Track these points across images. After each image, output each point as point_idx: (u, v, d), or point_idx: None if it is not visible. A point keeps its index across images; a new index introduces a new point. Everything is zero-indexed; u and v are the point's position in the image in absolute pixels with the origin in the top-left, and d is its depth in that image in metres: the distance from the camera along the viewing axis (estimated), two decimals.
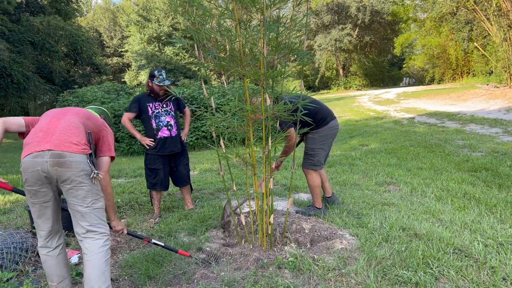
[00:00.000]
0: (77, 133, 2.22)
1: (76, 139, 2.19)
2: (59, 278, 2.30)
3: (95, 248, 2.21)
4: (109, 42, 46.82)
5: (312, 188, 3.99)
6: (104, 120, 2.78)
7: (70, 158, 2.12)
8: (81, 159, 2.16)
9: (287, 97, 3.21)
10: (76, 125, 2.26)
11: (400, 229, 3.30)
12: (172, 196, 5.23)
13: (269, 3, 2.72)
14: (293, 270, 2.71)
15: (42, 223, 2.29)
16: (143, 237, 2.97)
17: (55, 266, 2.30)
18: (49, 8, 25.82)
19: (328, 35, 40.59)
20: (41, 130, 2.24)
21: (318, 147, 3.86)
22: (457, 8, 23.14)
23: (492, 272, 2.52)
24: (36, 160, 2.10)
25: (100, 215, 2.27)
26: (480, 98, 16.71)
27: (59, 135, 2.17)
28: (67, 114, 2.36)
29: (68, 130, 2.21)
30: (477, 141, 7.93)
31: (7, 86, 20.27)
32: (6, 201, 5.19)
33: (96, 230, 2.23)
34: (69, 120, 2.28)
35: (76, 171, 2.13)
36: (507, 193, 4.37)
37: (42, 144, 2.13)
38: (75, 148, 2.16)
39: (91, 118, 2.45)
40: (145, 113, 4.24)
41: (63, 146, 2.13)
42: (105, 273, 2.21)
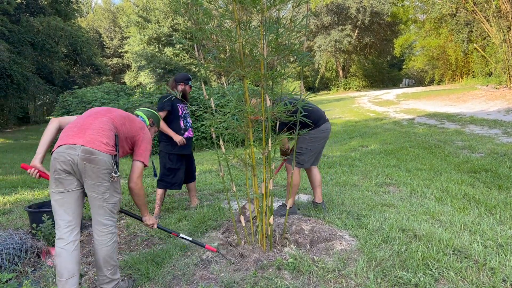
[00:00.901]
0: (107, 135, 2.43)
1: (105, 139, 2.40)
2: (69, 274, 2.36)
3: (104, 242, 2.46)
4: (109, 43, 46.83)
5: (291, 186, 3.99)
6: (153, 123, 3.10)
7: (98, 156, 2.33)
8: (107, 159, 2.37)
9: (286, 97, 3.22)
10: (108, 127, 2.47)
11: (400, 230, 3.30)
12: (171, 197, 5.24)
13: (269, 4, 2.72)
14: (292, 271, 2.71)
15: (63, 213, 2.40)
16: (172, 231, 3.09)
17: (68, 261, 2.36)
18: (49, 9, 25.84)
19: (328, 36, 40.60)
20: (77, 125, 2.46)
21: (306, 147, 3.89)
22: (456, 9, 23.17)
23: (491, 273, 2.52)
24: (68, 151, 2.32)
25: (113, 209, 2.49)
26: (479, 99, 16.73)
27: (92, 133, 2.39)
28: (105, 115, 2.55)
29: (100, 130, 2.42)
30: (477, 142, 7.94)
31: (7, 87, 20.28)
32: (6, 202, 5.19)
33: (106, 223, 2.46)
34: (103, 121, 2.49)
35: (101, 168, 2.35)
36: (506, 194, 4.37)
37: (76, 139, 2.35)
38: (104, 147, 2.37)
39: (130, 123, 2.64)
40: (175, 113, 4.45)
41: (94, 144, 2.34)
42: (111, 261, 2.50)
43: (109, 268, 2.50)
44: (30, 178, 7.08)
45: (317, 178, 4.17)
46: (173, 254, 3.10)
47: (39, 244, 3.27)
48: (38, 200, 4.95)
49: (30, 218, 3.72)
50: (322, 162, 7.02)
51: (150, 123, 3.08)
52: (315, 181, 4.18)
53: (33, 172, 2.54)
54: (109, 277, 2.50)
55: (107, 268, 2.49)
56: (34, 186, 6.34)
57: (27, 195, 5.62)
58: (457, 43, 27.81)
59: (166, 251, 3.17)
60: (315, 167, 4.19)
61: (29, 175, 2.54)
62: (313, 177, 4.19)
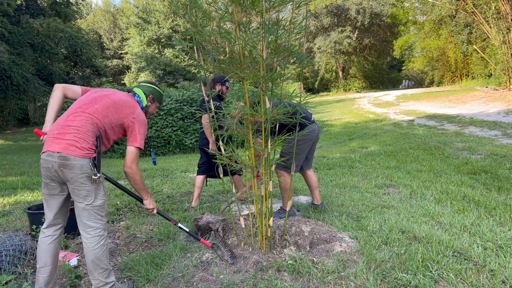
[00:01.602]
0: (85, 137, 2.40)
1: (81, 144, 2.37)
2: (41, 263, 2.53)
3: (91, 245, 2.46)
4: (109, 44, 46.87)
5: (283, 191, 4.00)
6: (153, 99, 2.94)
7: (73, 162, 2.34)
8: (84, 163, 2.36)
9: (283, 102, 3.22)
10: (86, 129, 2.43)
11: (400, 232, 3.30)
12: (171, 198, 5.23)
13: (268, 6, 2.73)
14: (292, 273, 2.71)
15: (47, 211, 2.55)
16: (171, 219, 3.13)
17: (43, 251, 2.54)
18: (49, 10, 25.83)
19: (327, 37, 40.63)
20: (58, 127, 2.46)
21: (292, 151, 3.83)
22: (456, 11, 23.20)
23: (491, 275, 2.52)
24: (48, 158, 2.38)
25: (99, 212, 2.48)
26: (479, 100, 16.74)
27: (69, 138, 2.38)
28: (86, 111, 2.50)
29: (77, 133, 2.40)
30: (476, 143, 7.94)
31: (7, 88, 20.27)
32: (6, 203, 5.18)
33: (92, 226, 2.46)
34: (81, 121, 2.44)
35: (78, 173, 2.35)
36: (506, 195, 4.37)
37: (55, 145, 2.37)
38: (79, 152, 2.35)
39: (115, 111, 2.57)
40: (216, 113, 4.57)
41: (69, 150, 2.34)
42: (101, 264, 2.50)
43: (100, 272, 2.50)
44: (29, 179, 7.08)
45: (313, 180, 4.16)
46: (173, 256, 3.10)
47: None
48: (38, 202, 4.94)
49: (29, 219, 3.72)
50: (321, 164, 7.02)
51: (149, 100, 2.92)
52: (312, 183, 4.17)
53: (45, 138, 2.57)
54: (102, 280, 2.51)
55: (98, 271, 2.49)
56: (33, 187, 6.34)
57: (27, 196, 5.62)
58: (456, 45, 27.85)
59: (165, 252, 3.17)
60: (310, 170, 4.16)
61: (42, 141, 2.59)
62: (309, 179, 4.17)
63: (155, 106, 3.02)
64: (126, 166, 2.59)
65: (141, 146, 2.61)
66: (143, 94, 2.89)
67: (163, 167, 8.04)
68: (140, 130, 2.61)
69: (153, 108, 3.00)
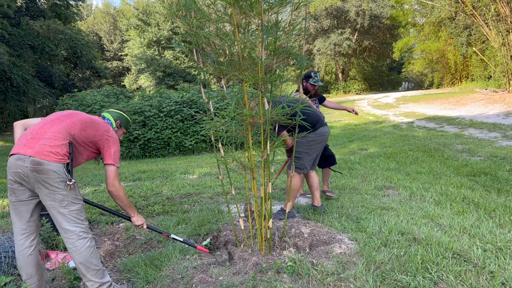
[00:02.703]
0: (59, 144, 2.39)
1: (56, 149, 2.37)
2: (27, 276, 2.50)
3: (77, 249, 2.45)
4: (109, 46, 46.91)
5: (291, 191, 3.99)
6: (120, 125, 2.98)
7: (47, 166, 2.31)
8: (58, 168, 2.35)
9: (284, 98, 3.23)
10: (62, 136, 2.43)
11: (399, 234, 3.30)
12: (171, 200, 5.23)
13: (266, 8, 2.73)
14: (292, 275, 2.71)
15: (17, 220, 2.47)
16: (163, 232, 3.08)
17: (25, 265, 2.49)
18: (49, 12, 25.86)
19: (327, 39, 40.65)
20: (32, 133, 2.44)
21: (304, 151, 3.89)
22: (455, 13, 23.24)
23: (491, 277, 2.52)
24: (18, 162, 2.33)
25: (77, 216, 2.46)
26: (479, 102, 16.75)
27: (43, 144, 2.36)
28: (63, 122, 2.51)
29: (52, 139, 2.39)
30: (476, 145, 7.94)
31: (7, 90, 20.28)
32: (5, 205, 5.18)
33: (73, 230, 2.43)
34: (57, 130, 2.45)
35: (52, 177, 2.33)
36: (506, 197, 4.37)
37: (26, 149, 2.34)
38: (53, 157, 2.34)
39: (92, 127, 2.58)
40: None
41: (43, 155, 2.32)
42: (92, 266, 2.48)
43: (93, 274, 2.49)
44: None
45: (314, 181, 4.17)
46: (172, 258, 3.10)
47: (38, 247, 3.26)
48: None
49: None
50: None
51: (117, 125, 2.95)
52: (313, 184, 4.18)
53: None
54: (97, 281, 2.51)
55: (91, 273, 2.49)
56: None
57: None
58: (456, 47, 27.89)
59: (165, 254, 3.17)
60: (313, 171, 4.19)
61: None
62: (311, 180, 4.18)
63: (121, 132, 3.05)
64: (109, 184, 2.57)
65: (118, 164, 2.62)
66: (112, 118, 2.93)
67: (162, 168, 8.04)
68: (116, 149, 2.64)
69: (120, 133, 3.02)
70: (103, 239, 3.80)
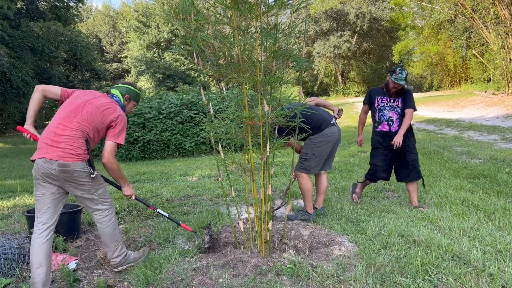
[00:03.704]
0: (77, 146, 2.69)
1: (76, 151, 2.67)
2: (37, 265, 2.63)
3: (104, 224, 2.90)
4: (108, 47, 46.93)
5: (303, 192, 4.01)
6: (130, 98, 3.15)
7: (73, 167, 2.65)
8: (82, 166, 2.69)
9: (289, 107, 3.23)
10: (77, 136, 2.71)
11: (399, 236, 3.30)
12: (170, 202, 5.23)
13: (265, 10, 2.74)
14: (291, 277, 2.71)
15: (41, 211, 2.72)
16: (149, 204, 3.39)
17: (37, 253, 2.65)
18: (49, 14, 25.86)
19: (327, 41, 40.73)
20: (49, 135, 2.71)
21: (310, 153, 3.89)
22: (455, 15, 23.29)
23: (490, 279, 2.52)
24: (45, 165, 2.63)
25: (103, 197, 2.88)
26: (478, 105, 16.77)
27: (64, 147, 2.66)
28: (75, 117, 2.76)
29: (71, 142, 2.68)
30: (476, 148, 7.95)
31: (6, 91, 20.26)
32: (4, 207, 5.17)
33: (101, 208, 2.89)
34: (72, 130, 2.71)
35: (79, 174, 2.69)
36: (505, 200, 4.38)
37: (51, 153, 2.64)
38: (76, 158, 2.66)
39: (101, 115, 2.82)
40: (372, 105, 4.52)
41: (67, 157, 2.64)
42: (114, 237, 2.93)
43: (114, 244, 2.93)
44: (28, 183, 7.07)
45: (323, 184, 4.16)
46: (172, 259, 3.09)
47: None
48: None
49: (28, 223, 3.72)
50: None
51: (125, 99, 3.12)
52: (321, 187, 4.17)
53: (27, 135, 2.93)
54: (116, 252, 2.94)
55: (113, 244, 2.92)
56: (32, 191, 6.31)
57: (26, 200, 5.61)
58: (455, 49, 27.93)
59: (164, 256, 3.16)
60: (324, 174, 4.17)
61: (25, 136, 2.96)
62: (320, 183, 4.17)
63: (132, 105, 3.21)
64: (104, 157, 2.82)
65: (122, 142, 2.87)
66: (120, 94, 3.10)
67: (162, 170, 8.04)
68: (120, 127, 2.86)
69: (130, 106, 3.20)
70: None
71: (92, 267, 3.13)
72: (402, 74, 4.18)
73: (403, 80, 4.18)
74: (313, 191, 4.21)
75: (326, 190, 4.23)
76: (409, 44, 35.44)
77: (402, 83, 4.19)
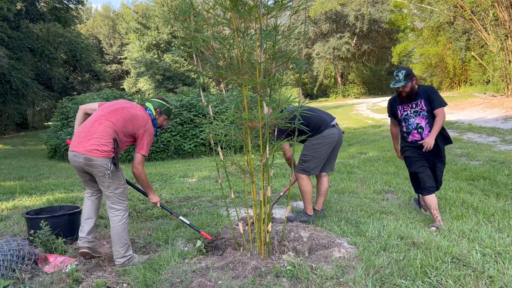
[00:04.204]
0: (105, 142, 3.01)
1: (103, 148, 2.99)
2: (87, 216, 3.28)
3: (115, 222, 3.13)
4: (108, 49, 46.92)
5: (303, 194, 4.01)
6: (161, 112, 3.48)
7: (96, 162, 2.98)
8: (104, 162, 2.99)
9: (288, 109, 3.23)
10: (107, 134, 3.04)
11: (398, 238, 3.30)
12: (170, 203, 5.22)
13: (265, 12, 2.74)
14: (291, 279, 2.70)
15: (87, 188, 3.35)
16: (173, 212, 3.68)
17: (88, 207, 3.30)
18: (48, 15, 25.86)
19: (326, 43, 40.73)
20: (85, 130, 3.08)
21: (310, 154, 3.90)
22: (454, 17, 23.31)
23: (490, 281, 2.52)
24: (75, 158, 3.04)
25: (120, 197, 3.15)
26: (477, 107, 16.78)
27: (92, 143, 2.99)
28: (109, 119, 3.10)
29: (100, 139, 3.00)
30: (475, 149, 7.95)
31: (6, 93, 20.25)
32: (3, 208, 5.17)
33: (115, 207, 3.14)
34: (105, 128, 3.05)
35: (100, 169, 3.00)
36: (504, 202, 4.38)
37: (80, 146, 3.01)
38: (101, 154, 2.98)
39: (132, 123, 3.16)
40: (397, 117, 4.11)
41: (93, 152, 2.97)
42: (122, 239, 3.12)
43: (121, 245, 3.10)
44: (28, 184, 7.06)
45: (324, 186, 4.17)
46: (171, 261, 3.09)
47: (37, 250, 3.25)
48: (36, 207, 4.93)
49: (27, 224, 3.71)
50: None
51: (157, 113, 3.45)
52: (321, 189, 4.17)
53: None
54: (121, 253, 3.11)
55: (119, 244, 3.10)
56: (32, 192, 6.32)
57: (25, 201, 5.60)
58: (455, 51, 27.93)
59: (164, 258, 3.16)
60: (325, 175, 4.18)
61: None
62: (320, 185, 4.18)
63: (163, 118, 3.53)
64: (133, 167, 3.22)
65: (146, 153, 3.22)
66: (153, 108, 3.44)
67: (161, 172, 8.03)
68: (146, 140, 3.20)
69: (161, 120, 3.53)
70: (102, 242, 3.79)
71: (91, 269, 3.13)
72: (398, 76, 3.84)
73: (401, 81, 3.82)
74: (313, 193, 4.21)
75: (327, 192, 4.23)
76: (409, 46, 35.44)
77: (400, 85, 3.82)
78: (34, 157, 13.52)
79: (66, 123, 12.86)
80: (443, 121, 3.84)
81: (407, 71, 3.84)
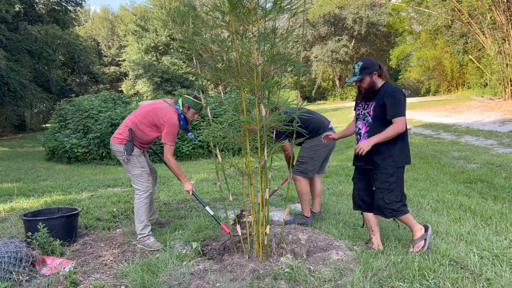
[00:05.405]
0: (121, 131, 3.66)
1: (119, 136, 3.65)
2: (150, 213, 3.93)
3: (135, 200, 3.70)
4: (106, 51, 46.89)
5: (300, 195, 4.03)
6: (188, 107, 3.73)
7: (113, 147, 3.69)
8: (118, 147, 3.63)
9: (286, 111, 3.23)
10: (125, 125, 3.69)
11: (396, 240, 3.30)
12: (167, 206, 5.22)
13: (262, 15, 2.75)
14: (289, 281, 2.70)
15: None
16: (202, 202, 3.95)
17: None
18: (47, 17, 25.83)
19: (324, 46, 40.86)
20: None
21: (308, 156, 3.92)
22: (452, 21, 23.39)
23: (487, 284, 2.53)
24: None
25: (137, 179, 3.68)
26: (475, 110, 16.82)
27: (116, 131, 3.71)
28: (133, 114, 3.76)
29: (120, 128, 3.70)
30: (473, 152, 7.97)
31: (4, 94, 20.20)
32: (1, 210, 5.15)
33: (135, 187, 3.72)
34: (126, 121, 3.72)
35: (116, 153, 3.69)
36: (502, 204, 4.39)
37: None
38: (116, 140, 3.65)
39: (153, 115, 3.65)
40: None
41: (112, 139, 3.67)
42: (138, 216, 3.63)
43: (138, 222, 3.62)
44: (25, 186, 7.04)
45: (317, 188, 4.19)
46: (169, 264, 3.09)
47: (34, 253, 3.24)
48: (34, 208, 4.91)
49: (25, 226, 3.70)
50: None
51: (185, 107, 3.73)
52: (316, 190, 4.19)
53: None
54: (139, 229, 3.62)
55: (137, 221, 3.63)
56: (29, 194, 6.30)
57: (23, 203, 5.58)
58: (452, 54, 28.02)
59: (162, 260, 3.15)
60: (318, 177, 4.20)
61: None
62: (314, 186, 4.20)
63: (191, 113, 3.77)
64: (164, 156, 3.67)
65: (172, 143, 3.62)
66: (181, 103, 3.75)
67: (160, 174, 8.01)
68: (168, 130, 3.59)
69: (190, 114, 3.77)
70: (100, 244, 3.78)
71: (89, 271, 3.12)
72: (354, 68, 3.09)
73: (356, 75, 3.08)
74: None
75: (321, 193, 4.25)
76: (407, 49, 35.54)
77: (354, 79, 3.09)
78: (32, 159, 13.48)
79: (64, 125, 12.79)
80: (396, 133, 2.99)
81: (364, 63, 3.05)
